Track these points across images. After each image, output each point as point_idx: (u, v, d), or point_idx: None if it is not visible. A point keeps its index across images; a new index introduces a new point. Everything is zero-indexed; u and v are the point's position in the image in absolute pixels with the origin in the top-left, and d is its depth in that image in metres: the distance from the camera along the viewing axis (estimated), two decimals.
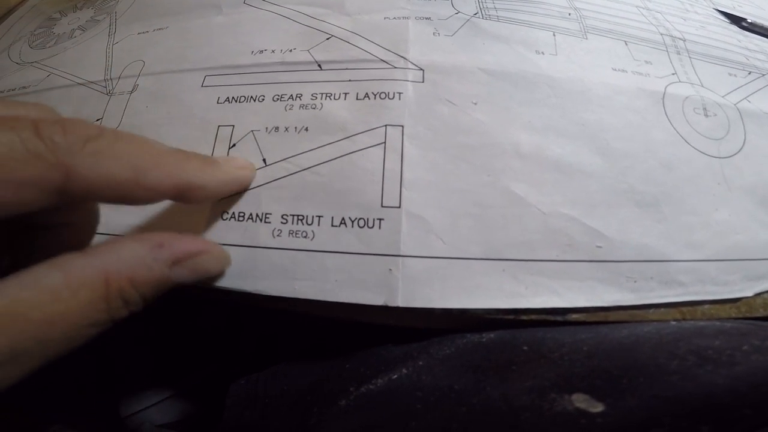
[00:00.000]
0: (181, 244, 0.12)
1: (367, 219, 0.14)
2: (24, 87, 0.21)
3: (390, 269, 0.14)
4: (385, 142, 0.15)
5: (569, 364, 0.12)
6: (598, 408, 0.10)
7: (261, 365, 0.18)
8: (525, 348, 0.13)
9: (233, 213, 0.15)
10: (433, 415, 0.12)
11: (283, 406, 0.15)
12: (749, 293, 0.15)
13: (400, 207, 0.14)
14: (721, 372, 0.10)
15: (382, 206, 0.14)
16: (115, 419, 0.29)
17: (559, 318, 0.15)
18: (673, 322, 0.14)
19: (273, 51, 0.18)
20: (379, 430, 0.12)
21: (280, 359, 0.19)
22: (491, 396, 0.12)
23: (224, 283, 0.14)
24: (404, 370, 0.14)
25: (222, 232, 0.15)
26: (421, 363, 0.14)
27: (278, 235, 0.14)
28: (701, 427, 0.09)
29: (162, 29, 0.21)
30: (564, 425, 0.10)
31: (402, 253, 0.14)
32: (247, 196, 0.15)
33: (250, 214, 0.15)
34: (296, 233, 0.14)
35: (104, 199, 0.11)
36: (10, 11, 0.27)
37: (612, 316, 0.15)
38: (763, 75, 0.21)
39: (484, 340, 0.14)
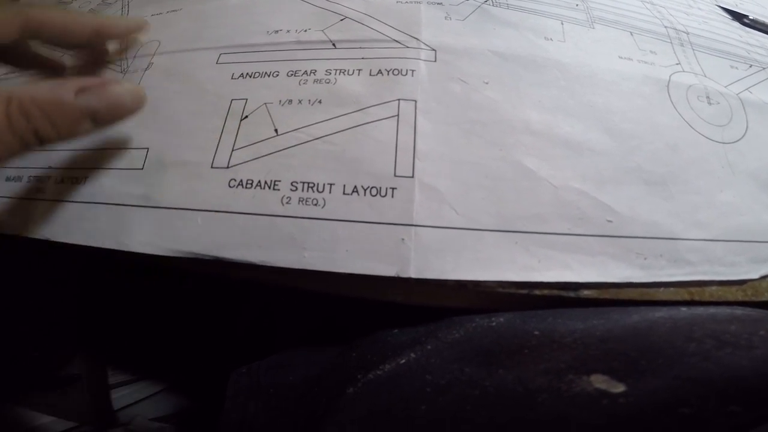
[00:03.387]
0: (87, 76, 0.13)
1: (380, 188, 0.14)
2: None
3: (402, 239, 0.14)
4: (398, 115, 0.15)
5: (583, 347, 0.12)
6: (619, 388, 0.10)
7: (259, 354, 0.18)
8: (536, 333, 0.13)
9: (240, 180, 0.15)
10: (444, 399, 0.12)
11: (290, 397, 0.15)
12: (755, 275, 0.15)
13: (413, 177, 0.14)
14: (742, 355, 0.10)
15: (395, 175, 0.14)
16: (108, 411, 0.28)
17: (571, 294, 0.14)
18: (684, 308, 0.14)
19: (288, 31, 0.18)
20: (388, 416, 0.12)
21: (278, 347, 0.18)
22: (505, 379, 0.12)
23: (230, 253, 0.14)
24: (412, 355, 0.14)
25: (229, 199, 0.15)
26: (429, 347, 0.14)
27: (287, 203, 0.14)
28: (731, 407, 0.09)
29: (176, 11, 0.21)
30: (585, 406, 0.10)
31: (415, 223, 0.14)
32: (255, 164, 0.15)
33: (258, 181, 0.15)
34: (307, 201, 0.14)
35: (50, 32, 0.15)
36: None
37: (623, 294, 0.15)
38: (764, 68, 0.21)
39: (493, 324, 0.14)
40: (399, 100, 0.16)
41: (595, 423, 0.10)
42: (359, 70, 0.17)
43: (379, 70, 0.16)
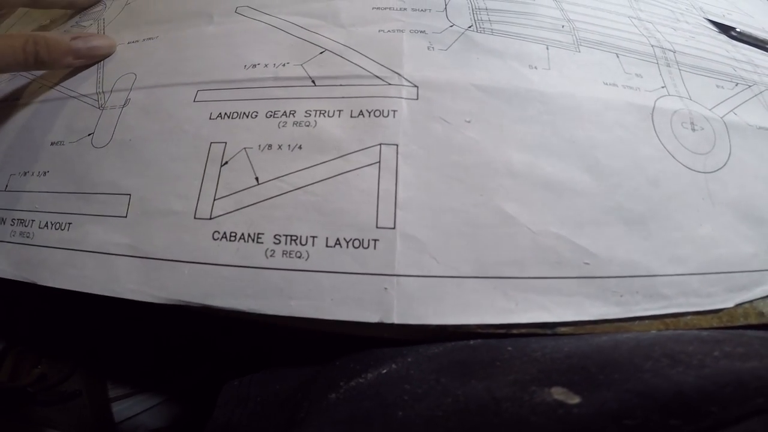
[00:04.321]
0: (83, 31, 0.22)
1: (362, 240, 0.14)
2: (16, 99, 0.21)
3: (385, 288, 0.14)
4: (379, 162, 0.15)
5: (550, 361, 0.13)
6: (575, 400, 0.11)
7: (254, 368, 0.18)
8: (509, 348, 0.14)
9: (224, 233, 0.15)
10: (420, 405, 0.12)
11: (274, 404, 0.16)
12: (730, 304, 0.16)
13: (394, 228, 0.14)
14: (691, 373, 0.11)
15: (377, 227, 0.14)
16: (109, 424, 0.29)
17: (548, 331, 0.15)
18: (654, 332, 0.15)
19: (266, 65, 0.18)
20: (368, 420, 0.12)
21: (273, 362, 0.19)
22: (476, 388, 0.12)
23: (217, 302, 0.15)
24: (393, 365, 0.14)
25: (214, 252, 0.15)
26: (409, 359, 0.14)
27: (272, 255, 0.14)
28: (671, 420, 0.10)
29: (152, 39, 0.21)
30: (543, 414, 0.11)
31: (397, 273, 0.14)
32: (238, 216, 0.15)
33: (242, 234, 0.15)
34: (290, 253, 0.14)
35: None
36: None
37: (599, 329, 0.15)
38: (749, 86, 0.21)
39: (471, 343, 0.15)
40: (380, 144, 0.16)
41: (550, 429, 0.10)
42: (340, 110, 0.16)
43: (360, 111, 0.16)
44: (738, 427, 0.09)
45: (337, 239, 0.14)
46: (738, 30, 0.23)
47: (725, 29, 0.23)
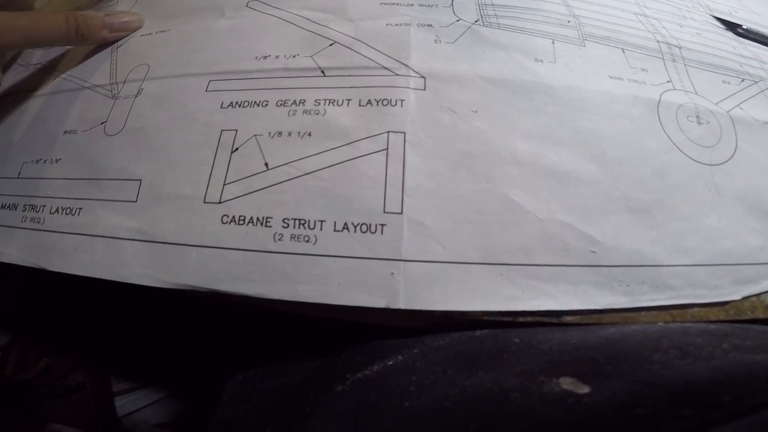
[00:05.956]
0: (114, 10, 0.24)
1: (370, 224, 0.14)
2: (31, 90, 0.21)
3: (392, 273, 0.14)
4: (387, 149, 0.15)
5: (558, 353, 0.13)
6: (584, 390, 0.11)
7: (257, 364, 0.18)
8: (516, 340, 0.14)
9: (233, 217, 0.15)
10: (426, 396, 0.12)
11: (279, 398, 0.16)
12: (737, 297, 0.16)
13: (401, 213, 0.15)
14: (700, 364, 0.11)
15: (384, 212, 0.15)
16: (112, 418, 0.29)
17: (554, 320, 0.15)
18: (660, 324, 0.15)
19: (277, 56, 0.18)
20: (374, 410, 0.13)
21: (276, 357, 0.19)
22: (483, 379, 0.12)
23: (224, 286, 0.15)
24: (400, 357, 0.14)
25: (222, 236, 0.15)
26: (416, 351, 0.14)
27: (280, 240, 0.15)
28: (683, 410, 0.10)
29: (165, 31, 0.21)
30: (552, 404, 0.11)
31: (403, 258, 0.14)
32: (247, 200, 0.15)
33: (251, 218, 0.15)
34: (298, 237, 0.15)
35: None
36: None
37: (605, 319, 0.15)
38: (756, 82, 0.21)
39: (477, 334, 0.15)
40: (388, 132, 0.16)
41: (559, 418, 0.11)
42: (348, 100, 0.17)
43: (369, 101, 0.17)
44: (750, 417, 0.09)
45: (345, 224, 0.15)
46: (745, 27, 0.23)
47: (732, 26, 0.23)
